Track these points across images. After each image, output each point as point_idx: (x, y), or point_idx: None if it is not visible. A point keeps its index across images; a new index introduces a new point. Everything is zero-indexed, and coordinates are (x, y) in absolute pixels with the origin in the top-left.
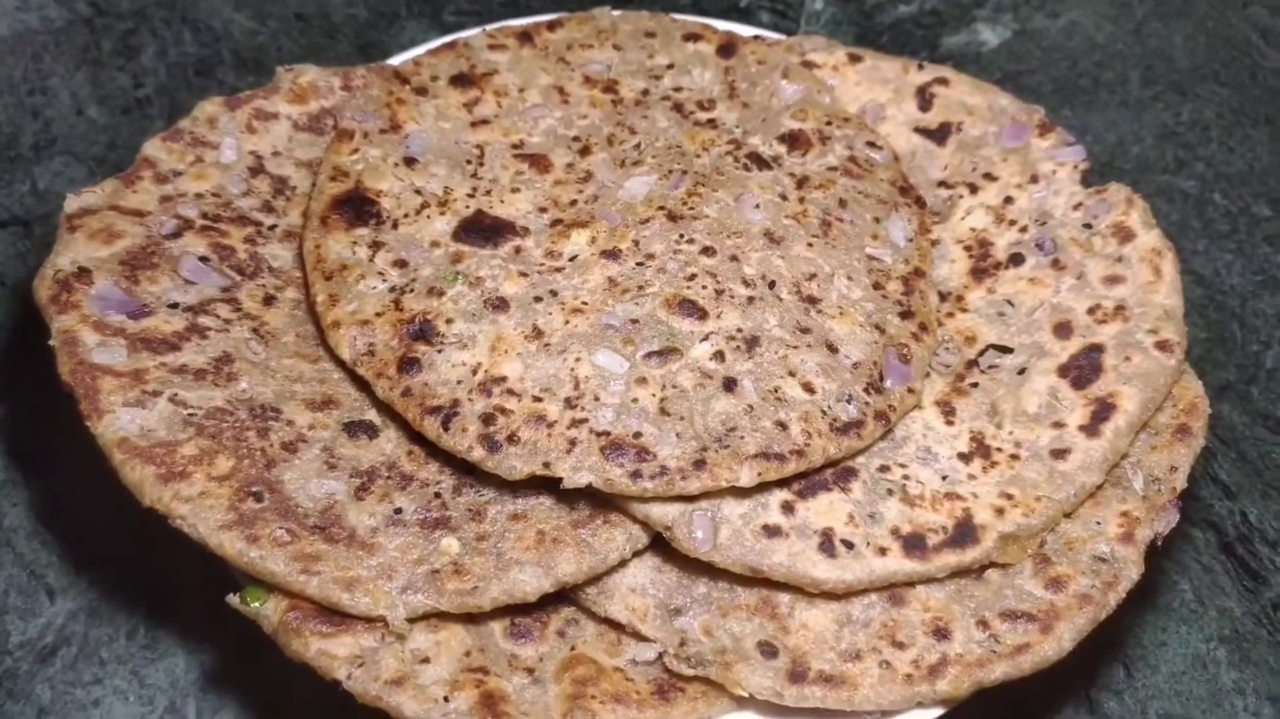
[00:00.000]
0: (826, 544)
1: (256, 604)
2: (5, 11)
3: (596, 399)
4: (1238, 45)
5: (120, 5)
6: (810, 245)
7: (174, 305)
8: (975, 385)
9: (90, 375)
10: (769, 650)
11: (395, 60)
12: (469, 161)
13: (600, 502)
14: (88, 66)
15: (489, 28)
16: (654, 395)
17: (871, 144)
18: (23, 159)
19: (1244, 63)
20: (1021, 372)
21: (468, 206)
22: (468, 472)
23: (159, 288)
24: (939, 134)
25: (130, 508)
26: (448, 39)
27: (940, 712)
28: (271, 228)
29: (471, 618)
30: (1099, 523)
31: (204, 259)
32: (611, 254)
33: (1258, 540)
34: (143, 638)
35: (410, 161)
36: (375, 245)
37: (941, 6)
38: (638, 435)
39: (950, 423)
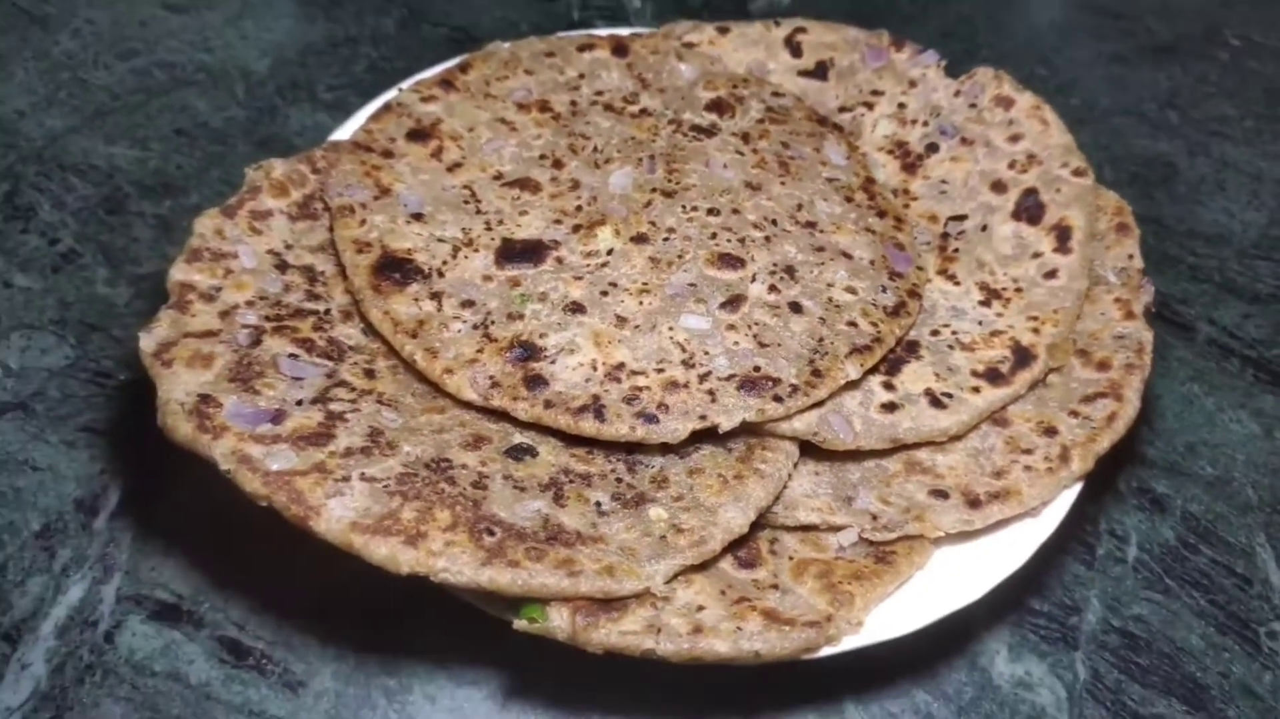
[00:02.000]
0: (935, 401)
1: (541, 621)
2: None
3: (706, 353)
4: None
5: None
6: (783, 184)
7: (299, 403)
8: (957, 250)
9: (284, 482)
10: (940, 494)
11: (338, 134)
12: (466, 202)
13: (749, 434)
14: None
15: (408, 84)
16: (747, 335)
17: (776, 93)
18: None
19: None
20: (984, 228)
21: (493, 239)
22: (629, 451)
23: (277, 392)
24: (819, 72)
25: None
26: (378, 103)
27: (1079, 486)
28: (327, 313)
29: (704, 565)
30: (1103, 313)
31: (293, 356)
32: (640, 239)
33: (1174, 303)
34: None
35: (418, 217)
36: (435, 296)
37: None
38: (758, 369)
39: (957, 284)
